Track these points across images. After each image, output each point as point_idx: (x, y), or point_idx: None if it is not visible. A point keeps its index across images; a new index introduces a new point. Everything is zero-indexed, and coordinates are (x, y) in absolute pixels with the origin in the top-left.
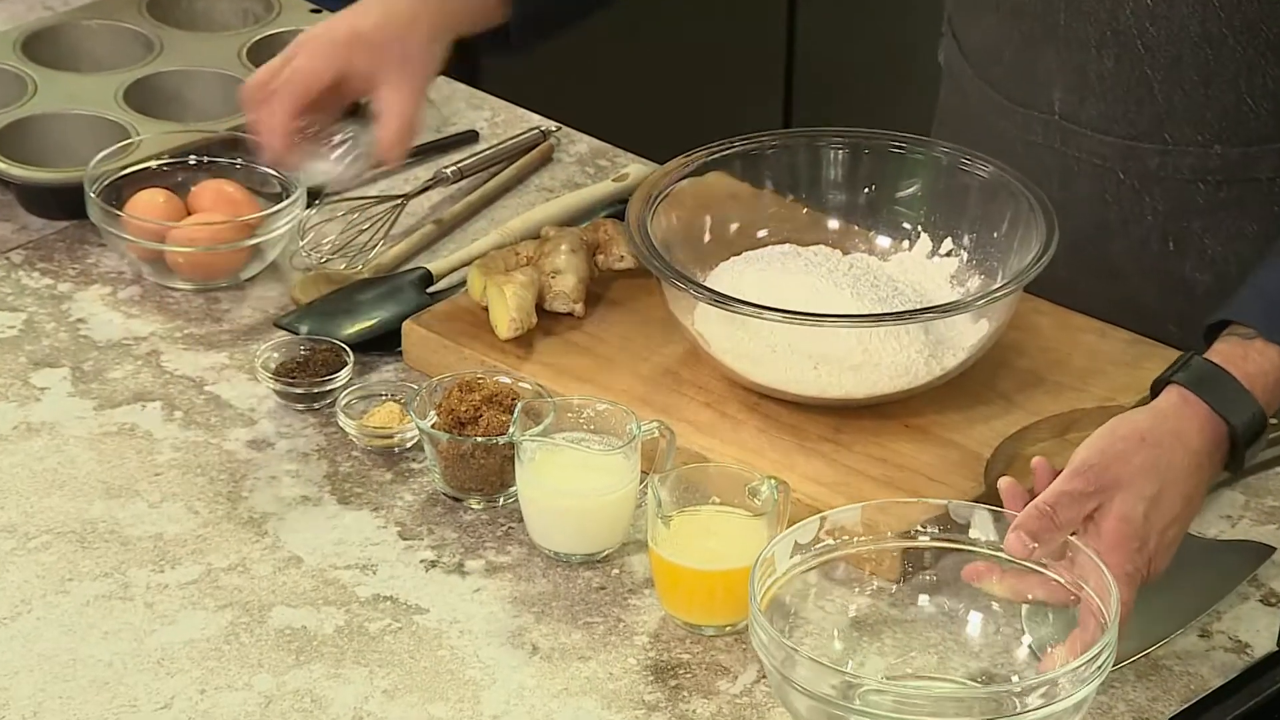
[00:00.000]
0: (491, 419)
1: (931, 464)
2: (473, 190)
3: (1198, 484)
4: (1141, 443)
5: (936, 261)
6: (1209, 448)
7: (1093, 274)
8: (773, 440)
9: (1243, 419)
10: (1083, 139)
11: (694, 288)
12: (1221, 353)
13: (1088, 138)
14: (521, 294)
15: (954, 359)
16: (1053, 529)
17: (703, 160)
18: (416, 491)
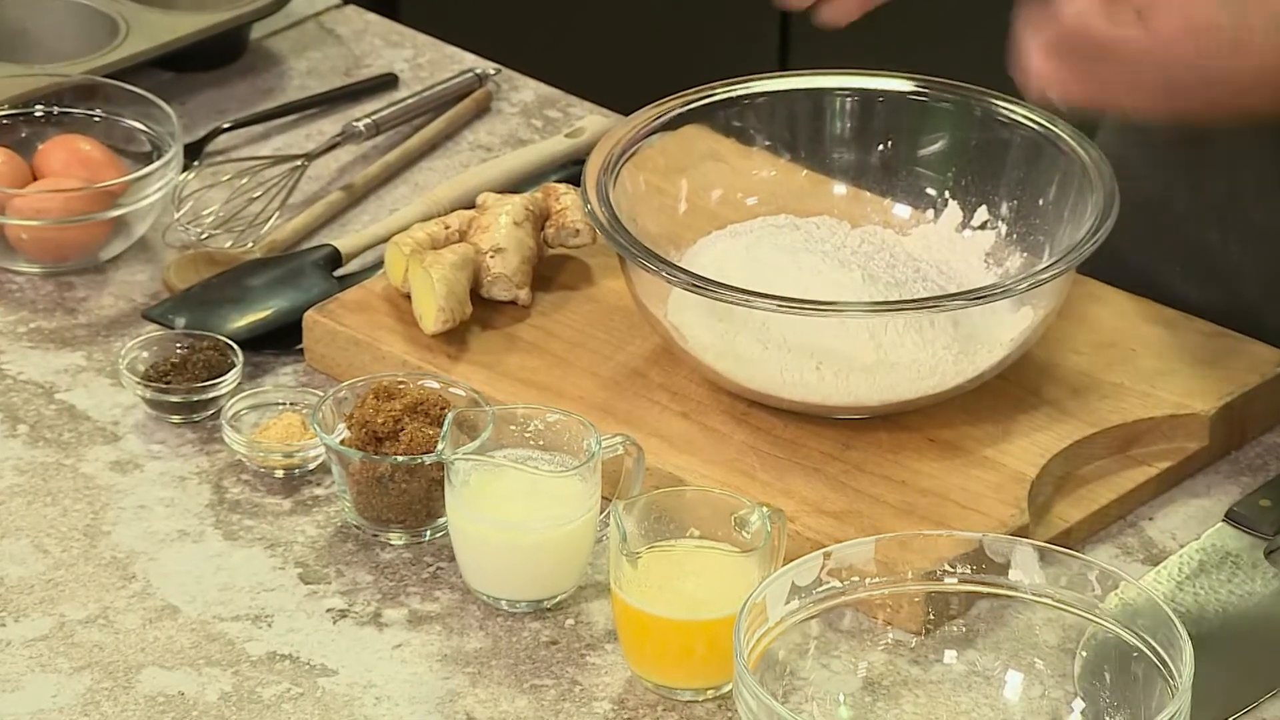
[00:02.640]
0: (415, 433)
1: (962, 488)
2: (391, 148)
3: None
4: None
5: (968, 236)
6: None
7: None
8: (765, 459)
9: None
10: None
11: (667, 269)
12: None
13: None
14: (452, 278)
15: (989, 357)
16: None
17: (678, 110)
18: (322, 524)
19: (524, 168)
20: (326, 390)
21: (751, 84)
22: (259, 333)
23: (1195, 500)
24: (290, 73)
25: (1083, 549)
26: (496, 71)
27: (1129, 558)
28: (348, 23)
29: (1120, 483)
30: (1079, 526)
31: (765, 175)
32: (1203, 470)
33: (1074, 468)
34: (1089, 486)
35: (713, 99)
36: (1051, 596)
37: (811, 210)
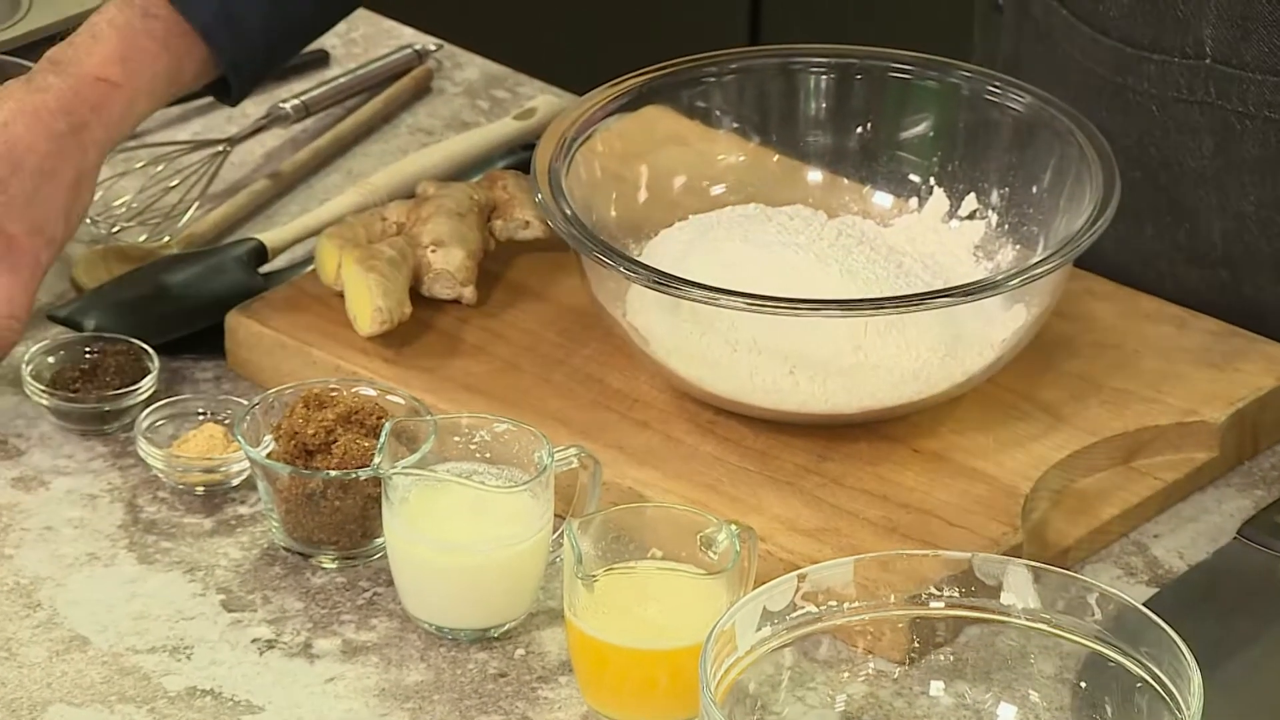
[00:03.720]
0: (349, 445)
1: (950, 503)
2: (322, 132)
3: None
4: None
5: (955, 226)
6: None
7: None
8: (734, 472)
9: None
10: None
11: (626, 265)
12: None
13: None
14: (390, 275)
15: (980, 359)
16: None
17: (637, 89)
18: (247, 546)
19: (468, 153)
20: (251, 399)
21: (718, 60)
22: (177, 335)
23: (1205, 516)
24: None
25: (1082, 569)
26: (438, 47)
27: (1132, 579)
28: None
29: (1122, 497)
30: (1078, 545)
31: (733, 160)
32: (1213, 483)
33: (1072, 480)
34: (1088, 501)
35: (675, 76)
36: (1047, 621)
37: (784, 199)
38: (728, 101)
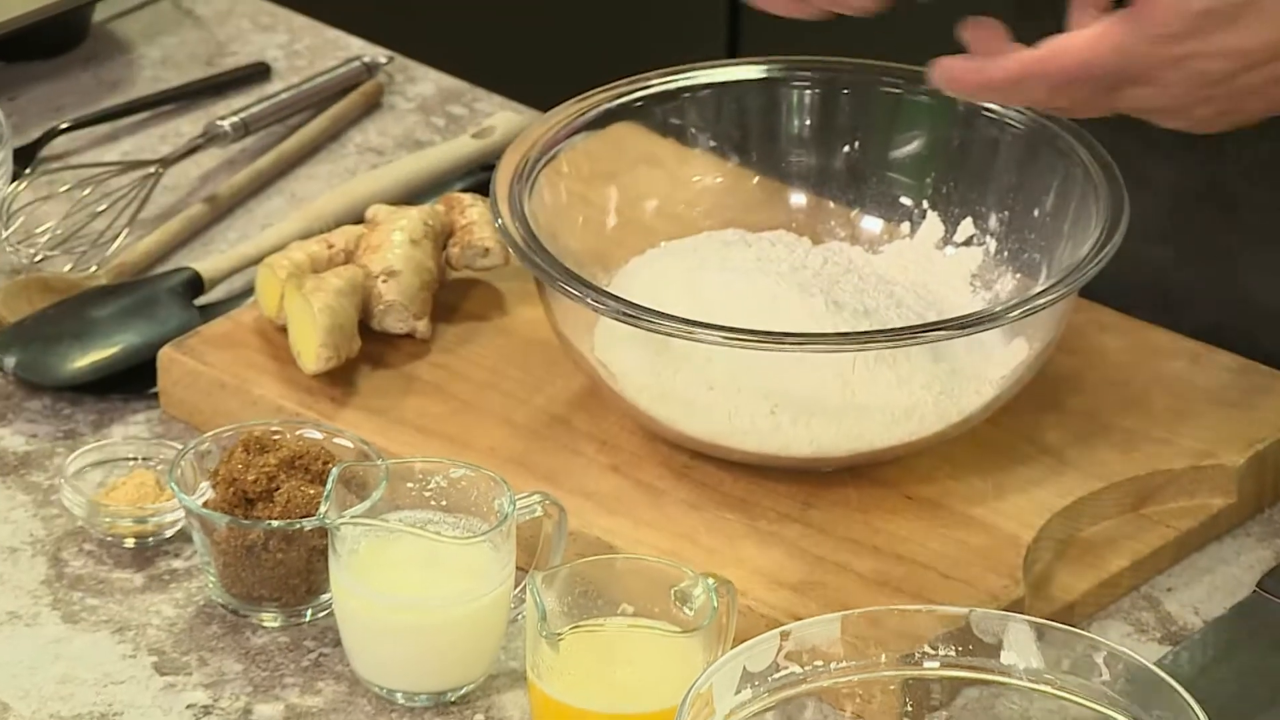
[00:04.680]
0: (293, 493)
1: (945, 554)
2: (263, 152)
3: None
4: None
5: (950, 254)
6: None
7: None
8: (711, 520)
9: None
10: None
11: (593, 295)
12: None
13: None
14: (337, 307)
15: (978, 397)
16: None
17: (605, 106)
18: (181, 603)
19: (422, 175)
20: (186, 443)
21: (693, 74)
22: (104, 373)
23: (1221, 567)
24: (141, 62)
25: (1089, 626)
26: (389, 60)
27: (1144, 636)
28: (209, 2)
29: (1133, 547)
30: (1084, 599)
31: (710, 182)
32: (1230, 532)
33: (1078, 529)
34: (1096, 551)
35: (647, 92)
36: (1052, 683)
37: (765, 224)
38: (704, 118)
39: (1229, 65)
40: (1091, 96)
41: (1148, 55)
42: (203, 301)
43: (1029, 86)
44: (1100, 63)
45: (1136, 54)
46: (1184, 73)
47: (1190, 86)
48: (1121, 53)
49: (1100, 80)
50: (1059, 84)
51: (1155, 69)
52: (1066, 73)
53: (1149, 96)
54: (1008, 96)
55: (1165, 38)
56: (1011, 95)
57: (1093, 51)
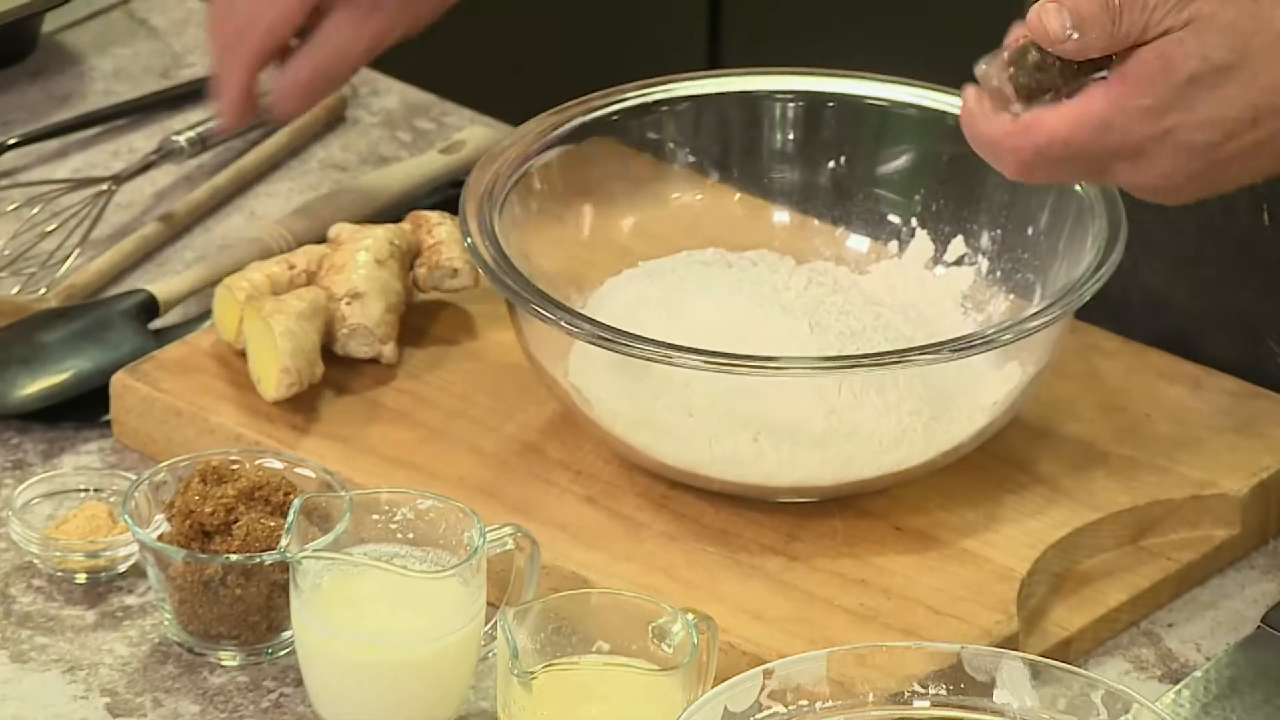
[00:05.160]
0: (252, 526)
1: (936, 588)
2: (220, 168)
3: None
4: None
5: (940, 274)
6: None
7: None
8: (691, 553)
9: None
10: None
11: (567, 318)
12: None
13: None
14: (298, 330)
15: (969, 424)
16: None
17: (579, 120)
18: (135, 640)
19: (388, 192)
20: (140, 473)
21: (672, 86)
22: (54, 400)
23: (1225, 602)
24: (92, 74)
25: (1086, 664)
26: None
27: (1143, 674)
28: (165, 11)
29: (1131, 580)
30: (1081, 635)
31: (689, 199)
32: (1234, 564)
33: (1074, 562)
34: (1093, 586)
35: (623, 105)
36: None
37: (746, 243)
38: (682, 133)
39: (1212, 136)
40: (1076, 172)
41: (1133, 130)
42: (158, 325)
43: (1003, 158)
44: (1081, 139)
45: (1121, 129)
46: (1169, 146)
47: (1176, 161)
48: (1105, 128)
49: (1082, 156)
50: (1034, 160)
51: (1140, 145)
52: (1043, 150)
53: (1136, 171)
54: (986, 159)
55: (1150, 110)
56: (989, 157)
57: (1073, 127)
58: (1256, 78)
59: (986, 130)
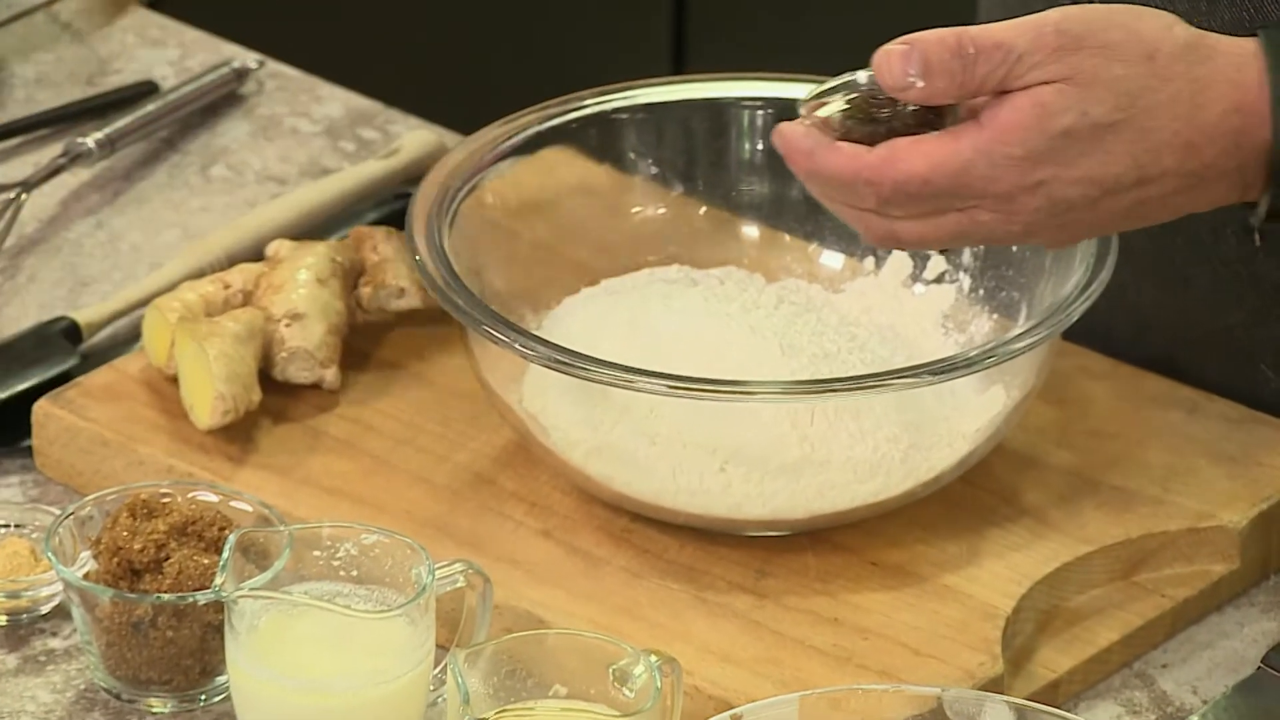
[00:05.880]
0: (185, 563)
1: (915, 626)
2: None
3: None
4: (1146, 58)
5: (919, 292)
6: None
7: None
8: (654, 591)
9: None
10: None
11: (521, 340)
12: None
13: None
14: (234, 354)
15: (950, 452)
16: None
17: (534, 129)
18: (60, 687)
19: (329, 205)
20: (65, 507)
21: (633, 93)
22: None
23: (1223, 641)
24: (12, 81)
25: (1075, 707)
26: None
27: (1136, 718)
28: (86, 16)
29: (1124, 618)
30: (1070, 677)
31: (651, 213)
32: (1232, 601)
33: (1063, 599)
34: (1083, 624)
35: (581, 113)
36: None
37: (713, 259)
38: (645, 142)
39: (1089, 191)
40: (937, 210)
41: (1000, 178)
42: (84, 348)
43: (859, 192)
44: (942, 180)
45: (985, 176)
46: (1040, 199)
47: (1047, 214)
48: (967, 172)
49: (944, 196)
50: (892, 195)
51: (1008, 194)
52: (900, 186)
53: (1002, 218)
54: (834, 195)
55: (1020, 160)
56: (838, 195)
57: (934, 167)
58: (1144, 138)
59: (837, 161)
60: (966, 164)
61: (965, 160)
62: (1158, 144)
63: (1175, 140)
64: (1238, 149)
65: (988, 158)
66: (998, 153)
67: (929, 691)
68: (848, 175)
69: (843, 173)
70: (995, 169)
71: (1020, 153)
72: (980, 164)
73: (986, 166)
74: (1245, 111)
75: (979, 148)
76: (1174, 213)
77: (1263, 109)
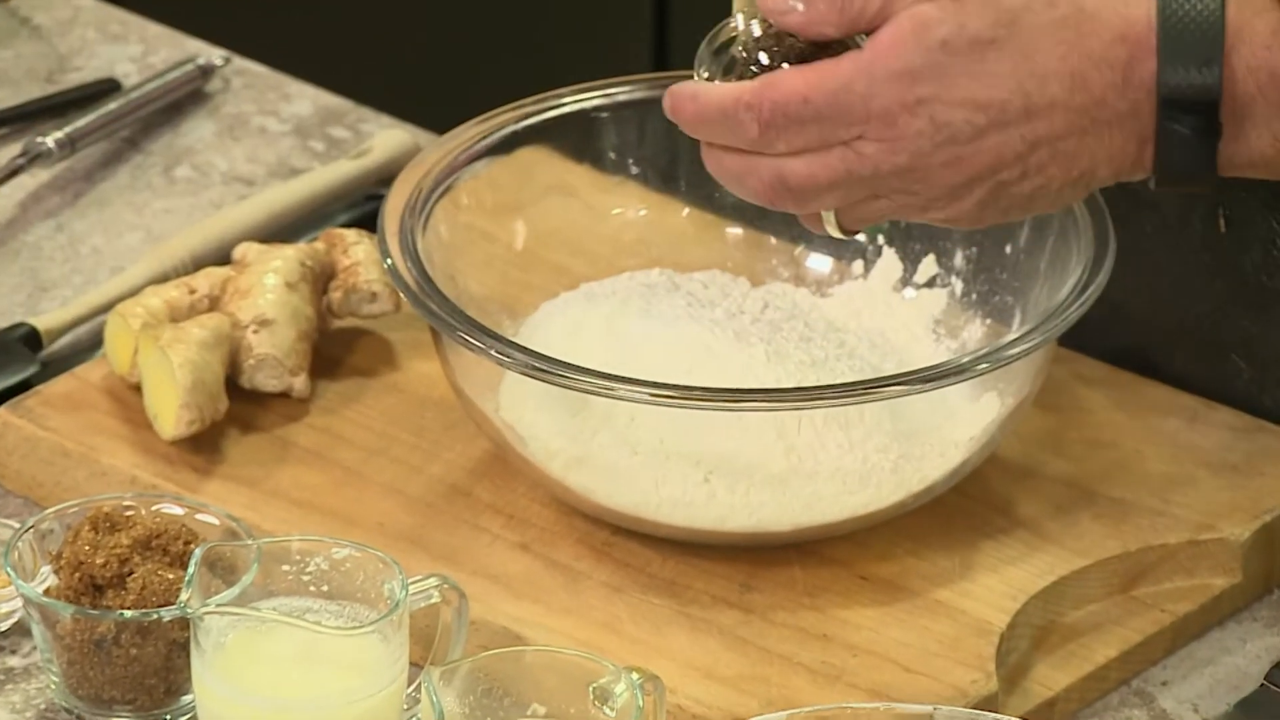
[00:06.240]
0: (149, 578)
1: (906, 643)
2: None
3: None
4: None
5: (910, 296)
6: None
7: None
8: (635, 605)
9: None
10: None
11: (498, 347)
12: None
13: None
14: (200, 362)
15: (942, 462)
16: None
17: (512, 127)
18: (19, 707)
19: (298, 207)
20: (24, 520)
21: (613, 90)
22: None
23: (1224, 657)
24: None
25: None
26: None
27: None
28: (49, 9)
29: (1122, 634)
30: (1066, 695)
31: (632, 215)
32: (1234, 616)
33: (1059, 614)
34: (1080, 640)
35: (559, 111)
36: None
37: (696, 262)
38: (625, 141)
39: (974, 118)
40: (821, 138)
41: (880, 94)
42: (44, 357)
43: (742, 121)
44: (822, 97)
45: (865, 92)
46: (922, 120)
47: (931, 142)
48: (848, 89)
49: (826, 118)
50: (771, 118)
51: (888, 113)
52: (780, 106)
53: (888, 147)
54: (718, 133)
55: (900, 74)
56: (723, 131)
57: (813, 85)
58: (1028, 61)
59: (717, 95)
60: (846, 81)
61: (845, 78)
62: (1043, 71)
63: (1061, 67)
64: (1126, 84)
65: (867, 74)
66: (877, 68)
67: (920, 710)
68: (729, 104)
69: (723, 102)
70: (875, 85)
71: (899, 66)
72: (860, 81)
73: (866, 83)
74: (1131, 41)
75: (859, 66)
76: (1072, 170)
77: (1149, 40)
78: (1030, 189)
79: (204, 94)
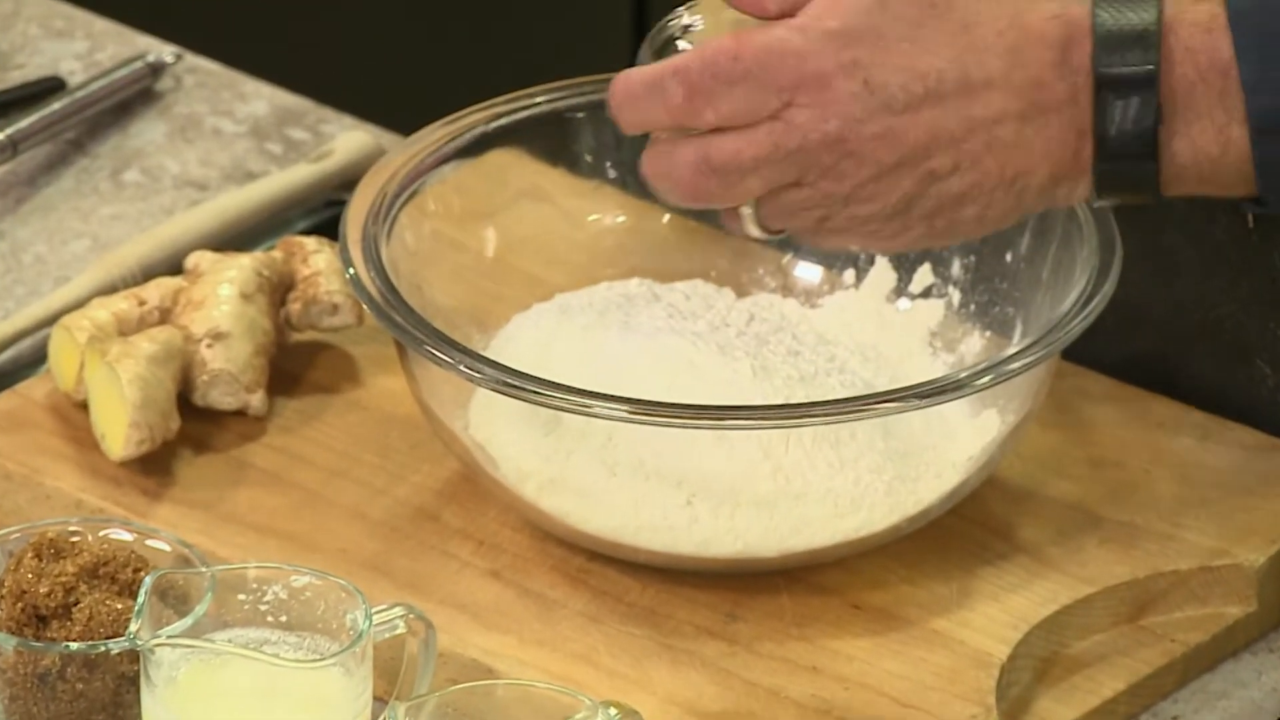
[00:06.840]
0: (96, 608)
1: (901, 675)
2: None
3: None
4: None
5: (904, 308)
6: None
7: None
8: (613, 637)
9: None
10: None
11: (467, 361)
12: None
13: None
14: (150, 378)
15: (939, 484)
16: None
17: (481, 128)
18: None
19: (255, 213)
20: None
21: (589, 89)
22: None
23: (1238, 691)
24: None
25: None
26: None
27: None
28: None
29: (1130, 666)
30: None
31: (610, 221)
32: (1249, 647)
33: (1063, 645)
34: (1085, 672)
35: (532, 111)
36: None
37: (678, 272)
38: (602, 143)
39: (909, 85)
40: (750, 101)
41: (813, 55)
42: None
43: (668, 89)
44: (750, 57)
45: (798, 50)
46: (855, 84)
47: (864, 107)
48: (781, 46)
49: (755, 78)
50: (699, 79)
51: (822, 74)
52: (709, 63)
53: (814, 121)
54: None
55: (835, 34)
56: (649, 106)
57: (743, 42)
58: (966, 32)
59: (647, 70)
60: (780, 39)
61: (778, 36)
62: (982, 44)
63: (999, 42)
64: (1064, 64)
65: (802, 33)
66: (812, 28)
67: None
68: (657, 74)
69: (652, 73)
70: (809, 43)
71: (835, 26)
72: (794, 39)
73: (800, 41)
74: (1068, 20)
75: (794, 25)
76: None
77: (1084, 21)
78: (961, 186)
79: (154, 93)
